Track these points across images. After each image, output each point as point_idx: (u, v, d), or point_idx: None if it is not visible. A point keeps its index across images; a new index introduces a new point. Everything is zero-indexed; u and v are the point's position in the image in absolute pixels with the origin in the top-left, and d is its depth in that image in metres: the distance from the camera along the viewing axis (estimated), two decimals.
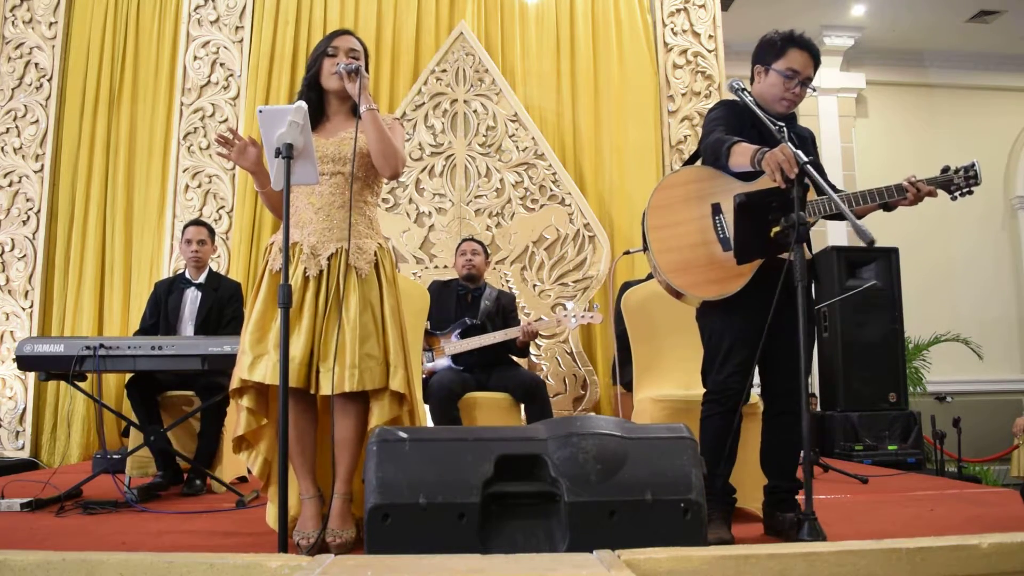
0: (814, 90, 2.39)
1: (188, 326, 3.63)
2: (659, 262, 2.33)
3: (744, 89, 2.30)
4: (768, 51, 2.37)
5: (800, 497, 2.23)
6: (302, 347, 2.11)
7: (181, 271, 3.86)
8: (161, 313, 3.66)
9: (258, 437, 2.24)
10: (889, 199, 2.26)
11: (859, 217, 2.33)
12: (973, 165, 2.24)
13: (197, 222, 3.85)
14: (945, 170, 2.29)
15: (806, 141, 2.42)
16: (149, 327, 3.65)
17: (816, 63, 2.36)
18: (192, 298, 3.67)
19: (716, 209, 2.31)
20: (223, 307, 3.67)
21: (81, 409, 4.86)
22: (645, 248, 2.40)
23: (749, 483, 2.52)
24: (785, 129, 2.33)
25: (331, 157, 2.23)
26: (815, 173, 2.09)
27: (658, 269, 2.33)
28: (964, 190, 2.27)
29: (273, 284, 2.20)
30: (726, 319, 2.31)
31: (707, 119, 2.44)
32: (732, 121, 2.34)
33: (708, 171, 2.35)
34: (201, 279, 3.70)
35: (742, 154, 2.19)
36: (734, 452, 2.30)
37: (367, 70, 2.33)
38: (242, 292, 3.82)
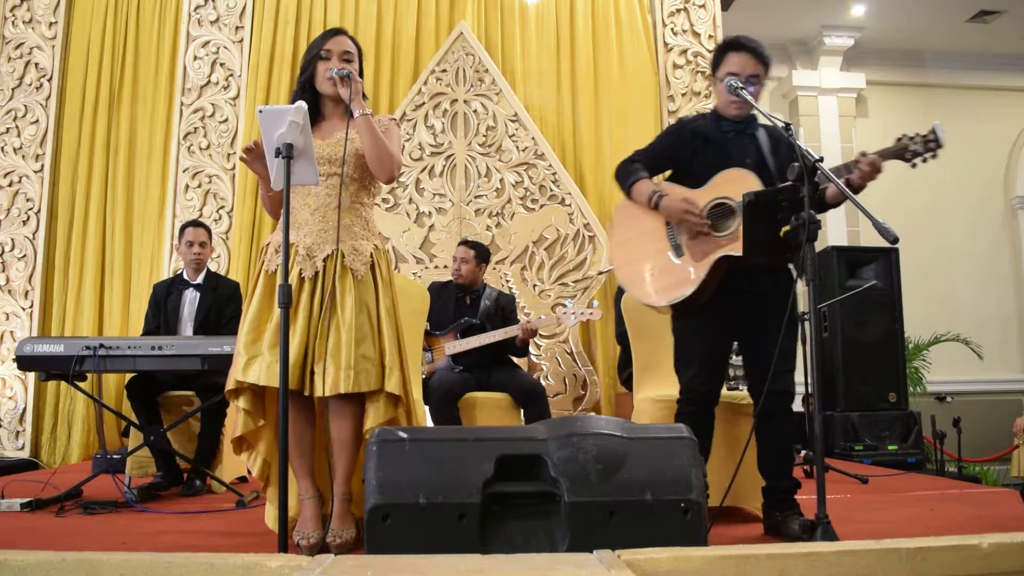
0: (762, 84, 2.42)
1: (187, 327, 3.63)
2: (619, 275, 2.49)
3: (742, 88, 2.31)
4: (713, 63, 2.46)
5: (809, 497, 2.23)
6: (297, 348, 2.10)
7: (180, 272, 3.85)
8: (160, 315, 3.65)
9: (257, 438, 2.24)
10: (846, 175, 2.23)
11: (835, 204, 2.36)
12: (934, 130, 2.21)
13: (197, 223, 3.82)
14: (900, 138, 2.26)
15: (779, 141, 2.42)
16: (153, 330, 3.65)
17: (758, 59, 2.39)
18: (191, 299, 3.67)
19: (672, 223, 2.40)
20: (222, 307, 3.66)
21: (81, 409, 4.86)
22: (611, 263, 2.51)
23: (749, 483, 2.52)
24: (792, 128, 2.31)
25: (327, 158, 2.22)
26: (830, 172, 2.10)
27: (619, 281, 2.49)
28: (924, 156, 2.22)
29: (268, 285, 2.20)
30: (690, 323, 2.41)
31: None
32: (667, 149, 2.46)
33: (663, 184, 2.44)
34: (199, 280, 3.69)
35: (640, 195, 2.39)
36: (706, 452, 2.34)
37: (361, 71, 2.32)
38: (241, 292, 3.81)
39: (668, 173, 2.51)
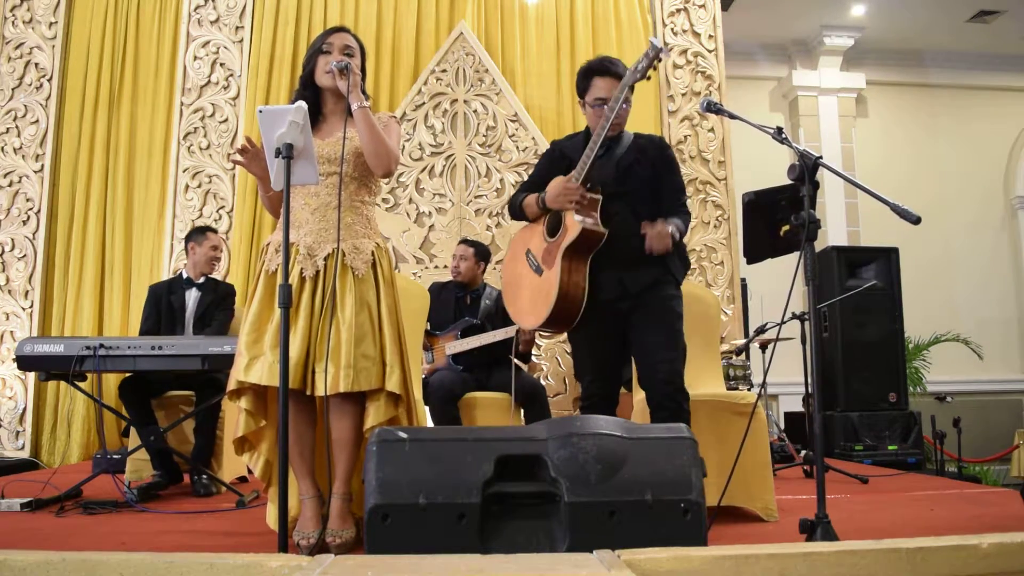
0: (629, 102, 2.49)
1: (191, 325, 3.66)
2: (509, 310, 2.63)
3: (718, 103, 2.39)
4: (580, 86, 2.57)
5: (809, 497, 2.23)
6: (298, 348, 2.10)
7: (179, 272, 3.87)
8: (163, 313, 3.67)
9: (259, 438, 2.24)
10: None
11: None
12: (652, 43, 2.28)
13: (213, 230, 3.94)
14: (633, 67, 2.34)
15: (646, 152, 2.55)
16: (151, 329, 3.66)
17: (621, 78, 2.45)
18: (194, 298, 3.70)
19: (528, 251, 2.57)
20: (216, 308, 3.70)
21: (81, 409, 4.86)
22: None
23: (746, 483, 2.51)
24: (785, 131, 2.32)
25: (327, 158, 2.22)
26: (833, 167, 2.11)
27: (513, 319, 2.64)
28: (654, 65, 2.29)
29: (269, 285, 2.20)
30: (574, 334, 2.55)
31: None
32: (544, 172, 2.59)
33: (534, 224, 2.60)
34: (200, 280, 3.73)
35: (529, 206, 2.55)
36: None
37: (363, 68, 2.33)
38: (234, 296, 3.84)
39: None
